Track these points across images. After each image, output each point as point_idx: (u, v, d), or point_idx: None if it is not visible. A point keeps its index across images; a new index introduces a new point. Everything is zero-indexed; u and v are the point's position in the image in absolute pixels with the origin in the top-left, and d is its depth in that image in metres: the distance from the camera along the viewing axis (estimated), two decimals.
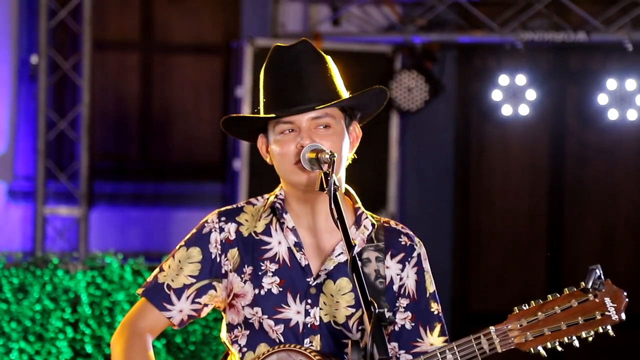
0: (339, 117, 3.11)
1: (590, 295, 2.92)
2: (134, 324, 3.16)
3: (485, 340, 2.96)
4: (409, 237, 3.19)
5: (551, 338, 2.93)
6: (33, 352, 7.40)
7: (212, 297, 3.16)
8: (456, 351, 2.95)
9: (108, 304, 7.52)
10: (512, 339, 2.95)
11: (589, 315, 2.92)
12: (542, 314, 2.94)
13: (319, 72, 3.10)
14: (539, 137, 9.08)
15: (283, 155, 3.07)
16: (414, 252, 3.17)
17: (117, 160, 8.86)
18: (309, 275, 3.11)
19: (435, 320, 3.16)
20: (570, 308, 2.93)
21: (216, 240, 3.16)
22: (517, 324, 2.95)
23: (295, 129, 3.07)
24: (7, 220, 8.28)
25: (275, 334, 3.09)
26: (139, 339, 3.13)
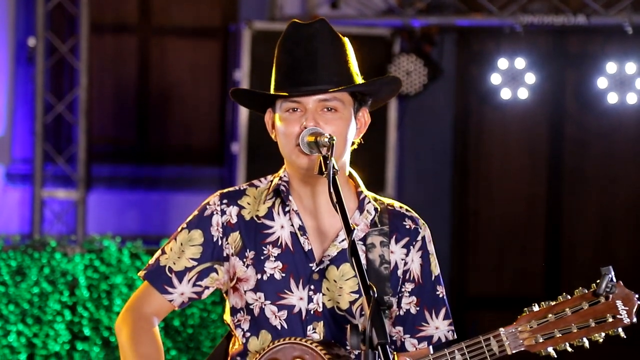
0: (348, 102, 3.07)
1: (601, 297, 2.91)
2: (139, 308, 3.14)
3: (495, 341, 2.95)
4: (413, 220, 3.16)
5: (562, 340, 2.92)
6: (31, 335, 7.40)
7: (213, 279, 3.14)
8: (465, 352, 2.94)
9: (106, 287, 7.52)
10: (521, 340, 2.94)
11: (600, 318, 2.91)
12: (553, 316, 2.93)
13: (333, 54, 3.06)
14: (538, 121, 9.06)
15: (286, 135, 3.04)
16: (418, 235, 3.14)
17: (115, 143, 8.84)
18: (312, 260, 3.08)
19: (441, 304, 3.14)
20: (581, 310, 2.92)
21: (218, 223, 3.14)
22: (527, 326, 2.94)
23: (301, 109, 3.04)
24: (4, 203, 8.27)
25: (277, 320, 3.07)
26: (145, 323, 3.11)
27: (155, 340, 3.09)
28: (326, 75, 3.02)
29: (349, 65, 3.08)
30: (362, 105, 3.13)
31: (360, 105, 3.12)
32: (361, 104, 3.12)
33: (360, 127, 3.13)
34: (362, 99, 3.12)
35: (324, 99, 3.03)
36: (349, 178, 3.17)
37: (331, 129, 3.01)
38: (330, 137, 2.92)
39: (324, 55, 3.04)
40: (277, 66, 3.10)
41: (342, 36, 3.11)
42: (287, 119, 3.04)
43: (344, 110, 3.06)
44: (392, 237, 3.12)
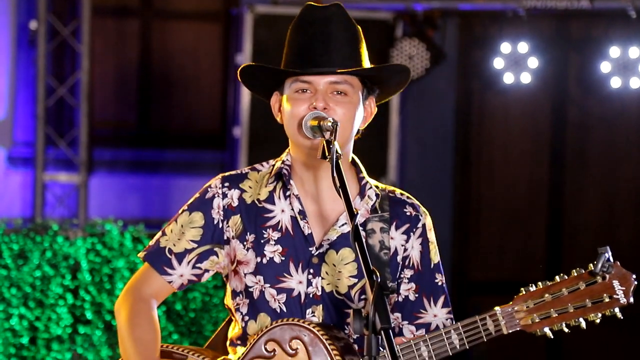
0: (357, 88, 3.07)
1: (598, 277, 2.89)
2: (138, 289, 3.15)
3: (491, 321, 2.94)
4: (414, 207, 3.16)
5: (558, 320, 2.90)
6: (33, 318, 7.41)
7: (213, 262, 3.14)
8: (461, 331, 2.93)
9: (108, 271, 7.52)
10: (518, 320, 2.93)
11: (597, 298, 2.89)
12: (549, 296, 2.91)
13: (347, 39, 3.06)
14: (540, 106, 9.05)
15: (293, 114, 3.03)
16: (419, 222, 3.14)
17: (117, 127, 8.83)
18: (312, 244, 3.09)
19: (439, 292, 3.14)
20: (577, 290, 2.90)
21: (219, 206, 3.14)
22: (524, 306, 2.93)
23: (312, 90, 3.03)
24: (6, 187, 8.27)
25: (277, 303, 3.07)
26: (144, 305, 3.11)
27: (152, 324, 3.10)
28: (339, 58, 3.03)
29: (361, 51, 3.09)
30: (370, 94, 3.13)
31: (369, 93, 3.12)
32: (369, 93, 3.12)
33: (367, 115, 3.13)
34: (371, 87, 3.12)
35: (335, 81, 3.03)
36: (351, 164, 3.16)
37: (341, 111, 3.01)
38: (333, 121, 2.91)
39: (337, 39, 3.04)
40: (290, 46, 3.09)
41: (355, 23, 3.11)
42: (296, 99, 3.04)
43: (354, 95, 3.06)
44: (392, 223, 3.12)
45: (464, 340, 2.93)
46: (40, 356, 7.40)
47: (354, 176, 3.15)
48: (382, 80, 3.13)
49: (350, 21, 3.08)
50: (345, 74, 3.03)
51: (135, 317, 3.09)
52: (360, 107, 3.08)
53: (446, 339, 2.93)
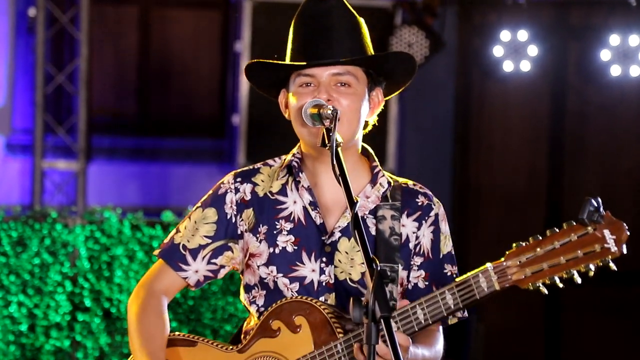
0: (362, 80, 3.08)
1: (589, 228, 2.84)
2: (150, 285, 3.18)
3: (484, 278, 2.91)
4: (427, 196, 3.17)
5: (550, 273, 2.86)
6: (32, 305, 7.41)
7: (228, 258, 3.16)
8: (455, 291, 2.92)
9: (107, 259, 7.52)
10: (510, 276, 2.89)
11: (589, 249, 2.84)
12: (541, 250, 2.87)
13: (349, 30, 3.07)
14: (540, 94, 9.04)
15: (298, 109, 3.04)
16: (431, 211, 3.15)
17: (116, 114, 8.82)
18: (324, 233, 3.11)
19: (449, 282, 3.13)
20: (569, 242, 2.86)
21: (232, 201, 3.16)
22: (516, 261, 2.89)
23: (315, 83, 3.05)
24: (5, 174, 8.27)
25: (290, 292, 3.09)
26: (154, 301, 3.14)
27: (160, 319, 3.13)
28: (341, 49, 3.04)
29: (363, 42, 3.09)
30: (377, 85, 3.13)
31: (375, 84, 3.12)
32: (375, 84, 3.13)
33: (373, 106, 3.14)
34: (376, 79, 3.12)
35: (338, 73, 3.04)
36: (363, 155, 3.17)
37: (345, 103, 3.02)
38: (333, 109, 2.92)
39: (339, 31, 3.05)
40: (292, 40, 3.11)
41: (357, 15, 3.11)
42: (300, 93, 3.05)
43: (358, 86, 3.07)
44: (403, 212, 3.13)
45: (457, 300, 2.92)
46: (39, 343, 7.40)
47: (366, 165, 3.17)
48: (387, 70, 3.13)
49: (351, 13, 3.09)
50: (345, 63, 3.03)
51: (144, 312, 3.13)
52: (365, 98, 3.09)
53: (440, 300, 2.92)
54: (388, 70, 3.13)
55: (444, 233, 3.16)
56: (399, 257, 3.09)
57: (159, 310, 3.14)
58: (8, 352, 7.35)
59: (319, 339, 2.98)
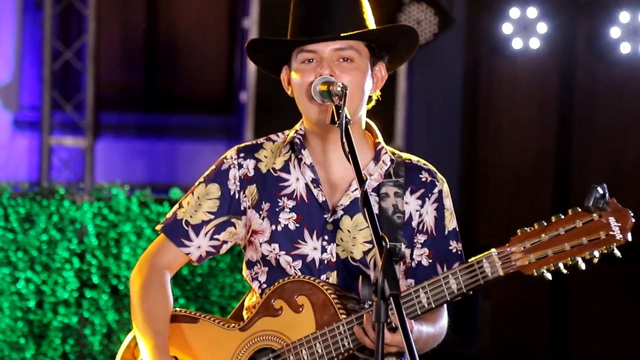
0: (365, 54, 3.06)
1: (595, 215, 2.83)
2: (153, 260, 3.17)
3: (488, 263, 2.89)
4: (430, 173, 3.15)
5: (554, 260, 2.84)
6: (40, 282, 7.42)
7: (231, 234, 3.15)
8: (459, 275, 2.90)
9: (114, 236, 7.52)
10: (514, 262, 2.87)
11: (594, 236, 2.83)
12: (546, 236, 2.86)
13: (350, 5, 3.05)
14: (548, 71, 9.00)
15: (301, 85, 3.03)
16: (434, 188, 3.13)
17: (123, 91, 8.81)
18: (326, 211, 3.10)
19: (454, 259, 3.12)
20: (574, 229, 2.84)
21: (235, 177, 3.15)
22: (521, 247, 2.88)
23: (317, 59, 3.03)
24: (12, 150, 8.26)
25: (292, 270, 3.08)
26: (157, 275, 3.14)
27: (163, 294, 3.13)
28: (342, 24, 3.02)
29: (364, 17, 3.07)
30: (379, 59, 3.11)
31: (377, 59, 3.10)
32: (378, 58, 3.11)
33: (376, 81, 3.12)
34: (379, 53, 3.10)
35: (340, 48, 3.02)
36: (367, 131, 3.15)
37: (347, 78, 3.00)
38: (343, 86, 2.90)
39: (340, 5, 3.03)
40: (293, 17, 3.09)
41: None
42: (302, 70, 3.04)
43: (360, 61, 3.05)
44: (407, 189, 3.12)
45: (461, 285, 2.90)
46: (46, 320, 7.42)
47: (369, 141, 3.15)
48: (389, 44, 3.11)
49: None
50: (347, 38, 3.02)
51: (147, 287, 3.12)
52: (368, 73, 3.07)
53: (444, 284, 2.91)
54: (390, 44, 3.11)
55: (448, 209, 3.15)
56: (402, 236, 3.08)
57: (162, 285, 3.13)
58: (16, 328, 7.37)
59: (321, 320, 2.97)
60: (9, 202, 7.45)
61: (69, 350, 7.44)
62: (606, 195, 2.82)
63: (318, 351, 2.96)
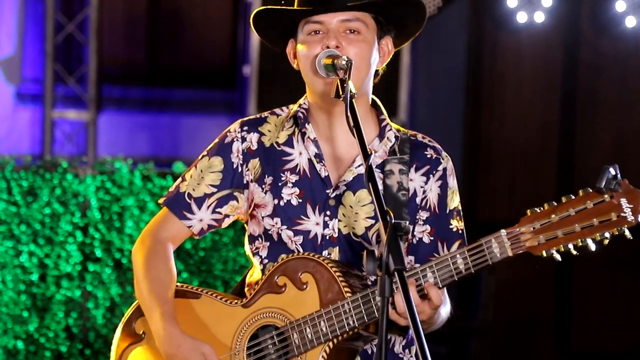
0: (372, 27, 3.04)
1: (606, 196, 2.78)
2: (156, 233, 3.16)
3: (497, 243, 2.85)
4: (435, 150, 3.13)
5: (564, 241, 2.80)
6: (43, 255, 7.43)
7: (233, 207, 3.14)
8: (467, 256, 2.87)
9: (118, 209, 7.52)
10: (523, 242, 2.83)
11: (605, 217, 2.78)
12: (556, 217, 2.81)
13: None
14: (552, 45, 8.96)
15: (307, 57, 3.01)
16: (439, 165, 3.11)
17: (126, 64, 8.78)
18: (329, 186, 3.08)
19: (455, 237, 3.10)
20: (585, 210, 2.79)
21: (238, 150, 3.14)
22: (530, 227, 2.83)
23: (324, 31, 3.01)
24: (15, 123, 8.25)
25: (294, 245, 3.07)
26: (161, 247, 3.12)
27: (168, 266, 3.11)
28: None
29: None
30: (386, 33, 3.09)
31: (384, 33, 3.08)
32: (385, 32, 3.09)
33: (383, 55, 3.10)
34: (386, 27, 3.08)
35: (347, 19, 3.00)
36: (372, 106, 3.13)
37: (353, 50, 2.98)
38: (347, 59, 2.88)
39: None
40: None
41: None
42: (309, 42, 3.01)
43: (367, 33, 3.03)
44: (412, 165, 3.09)
45: (469, 265, 2.87)
46: (50, 293, 7.43)
47: (374, 118, 3.13)
48: (397, 18, 3.08)
49: None
50: (354, 8, 2.99)
51: (151, 258, 3.10)
52: (375, 46, 3.05)
53: (452, 263, 2.88)
54: (397, 18, 3.08)
55: (451, 188, 3.13)
56: (407, 213, 3.06)
57: (166, 256, 3.11)
58: (19, 302, 7.38)
59: (326, 298, 2.96)
60: (12, 175, 7.44)
61: (72, 323, 7.45)
62: (618, 176, 2.78)
63: (322, 329, 2.94)
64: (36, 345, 7.41)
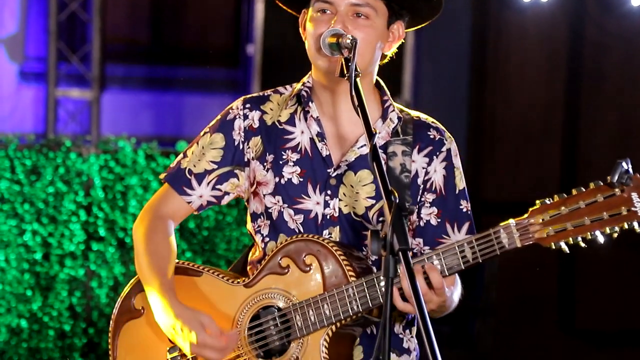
0: (382, 12, 3.03)
1: (616, 190, 2.78)
2: (156, 209, 3.16)
3: (505, 234, 2.85)
4: (439, 131, 3.12)
5: (574, 233, 2.80)
6: (46, 234, 7.42)
7: (233, 185, 3.14)
8: (475, 245, 2.87)
9: (121, 188, 7.51)
10: (532, 234, 2.83)
11: (615, 211, 2.78)
12: (566, 209, 2.81)
13: None
14: (557, 24, 8.91)
15: (312, 36, 3.02)
16: (443, 146, 3.10)
17: (129, 43, 8.75)
18: (330, 165, 3.08)
19: (464, 218, 3.10)
20: (595, 203, 2.80)
21: (239, 127, 3.14)
22: (539, 218, 2.83)
23: (332, 11, 3.00)
24: (18, 102, 8.23)
25: (295, 223, 3.07)
26: (161, 223, 3.13)
27: (168, 240, 3.11)
28: None
29: None
30: (398, 18, 3.07)
31: (396, 17, 3.07)
32: (397, 17, 3.07)
33: (392, 40, 3.09)
34: (399, 12, 3.07)
35: (356, 3, 2.99)
36: (375, 87, 3.12)
37: (360, 35, 2.97)
38: (352, 38, 2.87)
39: None
40: None
41: None
42: (317, 20, 3.01)
43: (376, 19, 3.02)
44: (415, 146, 3.09)
45: (477, 254, 2.87)
46: (53, 272, 7.43)
47: (377, 99, 3.12)
48: (410, 5, 3.06)
49: None
50: None
51: (151, 233, 3.10)
52: (383, 31, 3.04)
53: (459, 252, 2.88)
54: (411, 5, 3.07)
55: (457, 168, 3.12)
56: (410, 195, 3.05)
57: (166, 231, 3.11)
58: (23, 280, 7.38)
59: (330, 281, 2.96)
60: (15, 154, 7.43)
61: (75, 302, 7.46)
62: (630, 170, 2.78)
63: (325, 312, 2.94)
64: (40, 324, 7.42)
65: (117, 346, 3.14)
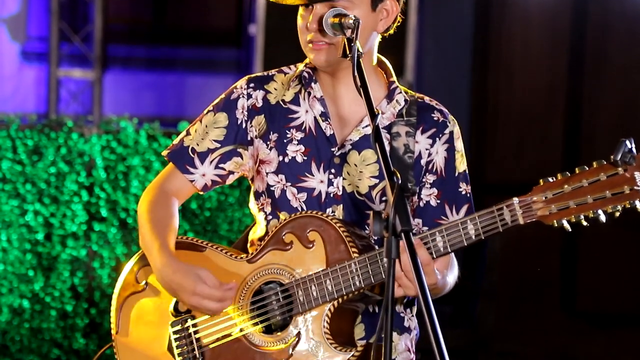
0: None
1: (620, 169, 2.79)
2: (161, 186, 3.19)
3: (508, 211, 2.86)
4: (442, 113, 3.13)
5: (576, 211, 2.82)
6: (48, 215, 7.43)
7: (237, 164, 3.15)
8: (477, 221, 2.88)
9: (123, 169, 7.51)
10: (535, 211, 2.85)
11: (617, 190, 2.79)
12: (569, 187, 2.83)
13: None
14: (560, 3, 8.89)
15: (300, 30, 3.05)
16: (446, 129, 3.11)
17: (132, 23, 8.74)
18: (334, 144, 3.09)
19: (463, 200, 3.11)
20: (598, 181, 2.81)
21: (243, 106, 3.15)
22: (542, 196, 2.84)
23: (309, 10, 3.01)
24: (20, 82, 8.22)
25: (297, 202, 3.09)
26: (164, 197, 3.15)
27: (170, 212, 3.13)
28: None
29: None
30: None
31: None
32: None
33: (386, 16, 3.06)
34: None
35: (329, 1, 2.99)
36: (379, 67, 3.12)
37: None
38: (355, 18, 2.87)
39: None
40: None
41: None
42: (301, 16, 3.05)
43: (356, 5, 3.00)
44: (418, 128, 3.10)
45: (479, 231, 2.87)
46: (55, 252, 7.44)
47: (382, 78, 3.13)
48: None
49: None
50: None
51: (154, 205, 3.13)
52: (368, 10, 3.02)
53: (462, 229, 2.89)
54: None
55: (459, 151, 3.13)
56: (412, 176, 3.05)
57: (169, 204, 3.13)
58: (25, 261, 7.39)
59: (333, 257, 2.97)
60: (17, 134, 7.43)
61: (77, 283, 7.47)
62: (633, 149, 2.78)
63: (328, 288, 2.95)
64: (42, 304, 7.43)
65: (120, 319, 3.15)
